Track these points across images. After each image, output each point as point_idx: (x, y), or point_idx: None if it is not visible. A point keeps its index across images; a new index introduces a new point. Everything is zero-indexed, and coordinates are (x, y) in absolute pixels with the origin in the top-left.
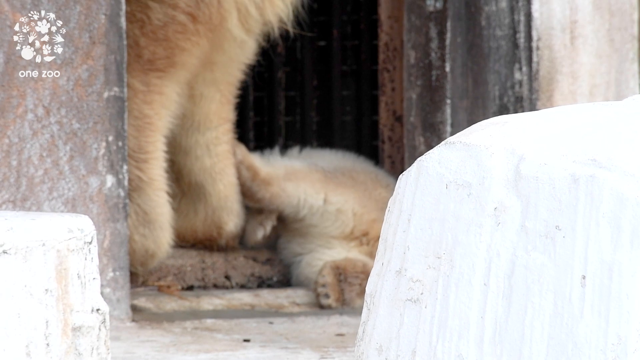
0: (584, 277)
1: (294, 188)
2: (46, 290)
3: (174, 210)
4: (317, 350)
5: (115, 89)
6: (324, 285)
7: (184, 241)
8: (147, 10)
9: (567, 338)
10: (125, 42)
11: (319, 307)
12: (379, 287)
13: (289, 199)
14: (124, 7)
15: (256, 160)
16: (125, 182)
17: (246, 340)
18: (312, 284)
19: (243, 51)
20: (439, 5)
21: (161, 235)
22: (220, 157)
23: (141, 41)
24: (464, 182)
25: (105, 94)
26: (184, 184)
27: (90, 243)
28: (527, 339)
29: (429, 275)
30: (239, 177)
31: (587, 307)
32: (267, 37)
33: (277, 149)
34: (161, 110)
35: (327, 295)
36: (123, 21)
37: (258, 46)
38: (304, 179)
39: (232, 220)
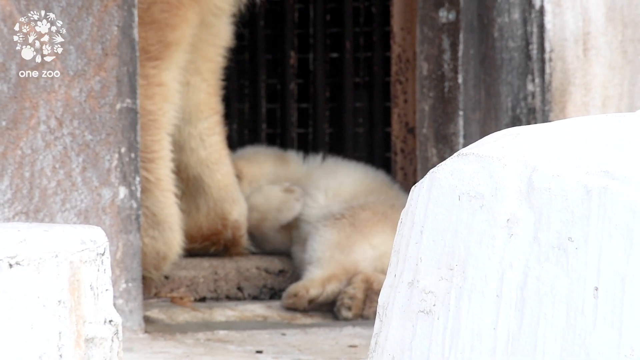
0: (596, 289)
1: (369, 250)
2: (59, 301)
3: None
4: None
5: (128, 100)
6: (351, 298)
7: (192, 241)
8: None
9: (580, 350)
10: (137, 54)
11: (335, 316)
12: (392, 299)
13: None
14: (136, 18)
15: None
16: (138, 194)
17: (259, 352)
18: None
19: (223, 26)
20: (451, 17)
21: (171, 237)
22: (215, 147)
23: None
24: (477, 194)
25: (118, 106)
26: (182, 182)
27: (102, 254)
28: (539, 350)
29: (442, 286)
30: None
31: (599, 319)
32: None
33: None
34: (164, 105)
35: (349, 309)
36: (135, 33)
37: (233, 29)
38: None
39: (235, 209)
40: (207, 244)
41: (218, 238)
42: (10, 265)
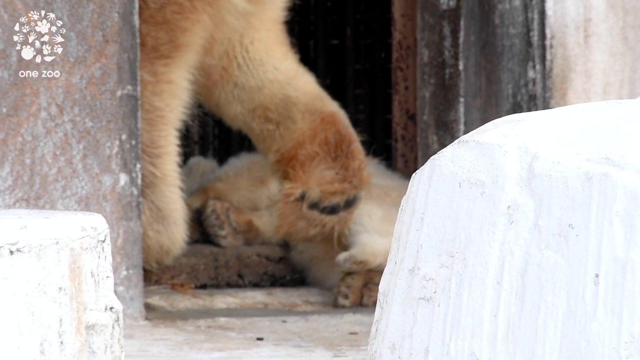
0: (597, 276)
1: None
2: (60, 288)
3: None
4: (330, 349)
5: (129, 87)
6: (348, 287)
7: (305, 145)
8: None
9: (580, 336)
10: (138, 41)
11: (334, 304)
12: (392, 286)
13: None
14: (137, 5)
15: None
16: (139, 181)
17: (259, 339)
18: (335, 281)
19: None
20: (452, 3)
21: (175, 231)
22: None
23: (142, 28)
24: (477, 181)
25: (119, 93)
26: (273, 114)
27: (103, 241)
28: (540, 337)
29: (442, 273)
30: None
31: (600, 306)
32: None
33: None
34: (172, 101)
35: (346, 297)
36: (136, 19)
37: None
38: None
39: (326, 103)
40: (319, 142)
41: (324, 129)
42: (11, 252)
